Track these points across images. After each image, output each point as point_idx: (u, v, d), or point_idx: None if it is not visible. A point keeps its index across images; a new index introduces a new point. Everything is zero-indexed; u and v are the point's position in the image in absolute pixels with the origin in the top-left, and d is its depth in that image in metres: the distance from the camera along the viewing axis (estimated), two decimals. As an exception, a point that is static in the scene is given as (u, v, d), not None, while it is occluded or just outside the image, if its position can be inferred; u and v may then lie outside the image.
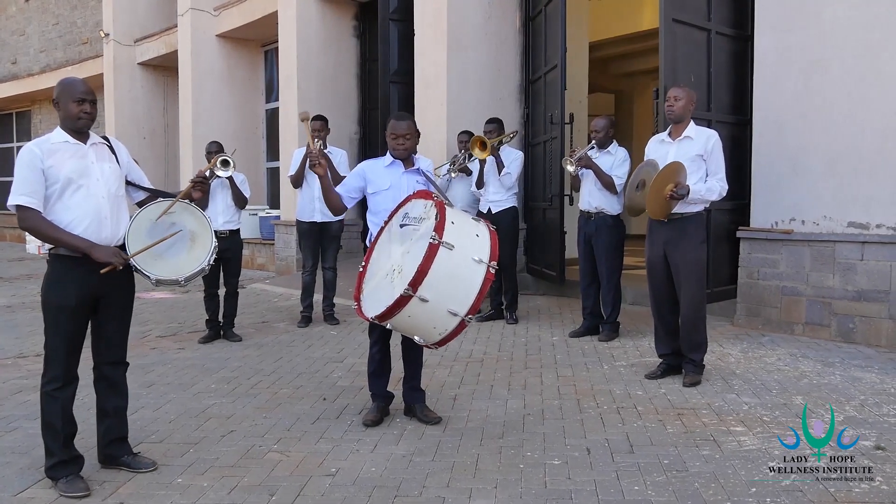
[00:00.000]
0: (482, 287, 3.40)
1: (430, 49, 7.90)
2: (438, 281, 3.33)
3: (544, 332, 6.32)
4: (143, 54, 14.85)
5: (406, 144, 4.02)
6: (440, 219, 3.38)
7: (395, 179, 4.04)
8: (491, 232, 3.60)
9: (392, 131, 4.02)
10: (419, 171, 4.10)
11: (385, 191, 4.02)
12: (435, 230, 3.33)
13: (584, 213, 5.96)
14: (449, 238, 3.34)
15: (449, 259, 3.33)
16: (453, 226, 3.42)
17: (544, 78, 7.71)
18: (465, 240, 3.44)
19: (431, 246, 3.30)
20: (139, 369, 5.35)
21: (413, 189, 4.01)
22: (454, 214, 3.53)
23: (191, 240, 3.42)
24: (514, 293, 6.78)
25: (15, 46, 20.19)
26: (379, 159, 4.17)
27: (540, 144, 7.88)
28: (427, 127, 7.91)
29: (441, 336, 3.52)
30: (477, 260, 3.42)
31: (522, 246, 8.36)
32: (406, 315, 3.42)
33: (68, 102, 3.23)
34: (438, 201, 3.52)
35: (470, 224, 3.59)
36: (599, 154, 5.87)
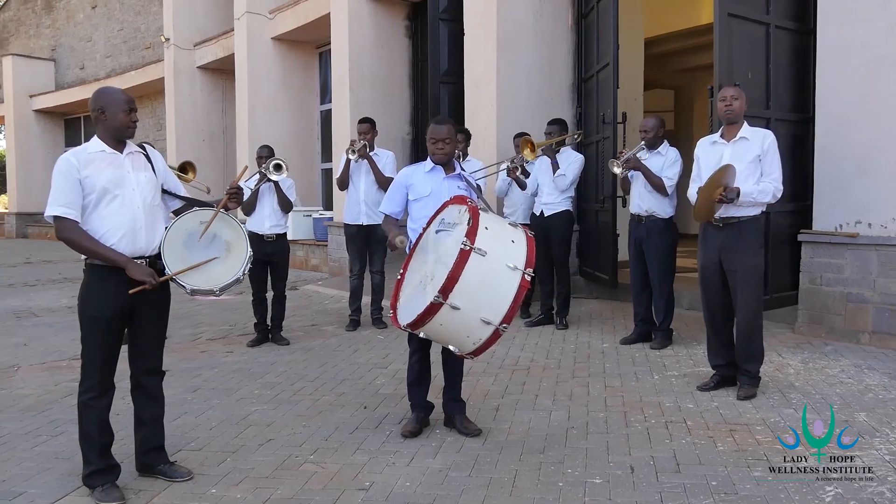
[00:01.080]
0: (517, 295, 3.29)
1: (480, 49, 7.79)
2: (470, 288, 3.23)
3: (594, 338, 6.15)
4: (202, 58, 15.14)
5: (446, 149, 3.93)
6: (473, 224, 3.27)
7: (435, 185, 3.96)
8: (528, 238, 3.48)
9: (432, 135, 3.94)
10: (460, 175, 4.01)
11: (426, 197, 3.94)
12: (466, 235, 3.22)
13: (634, 216, 5.77)
14: (482, 244, 3.24)
15: (481, 265, 3.23)
16: (487, 231, 3.31)
17: (597, 76, 7.52)
18: (499, 246, 3.33)
19: (462, 252, 3.20)
20: (186, 373, 5.42)
21: (455, 194, 3.92)
22: (489, 220, 3.42)
23: (226, 249, 3.40)
24: (566, 298, 6.62)
25: (83, 52, 20.88)
26: (419, 164, 4.09)
27: (592, 145, 7.68)
28: (477, 128, 7.82)
29: (475, 346, 3.42)
30: (511, 267, 3.30)
31: (575, 248, 8.19)
32: (438, 323, 3.33)
33: (118, 112, 3.24)
34: (472, 206, 3.41)
35: (506, 230, 3.48)
36: (649, 155, 5.67)
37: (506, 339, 6.10)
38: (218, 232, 3.40)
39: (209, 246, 3.38)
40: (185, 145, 15.34)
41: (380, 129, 10.51)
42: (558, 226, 6.49)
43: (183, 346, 6.45)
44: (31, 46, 22.46)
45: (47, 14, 22.13)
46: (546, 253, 6.59)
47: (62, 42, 21.66)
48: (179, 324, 7.45)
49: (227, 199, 3.44)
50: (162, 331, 3.52)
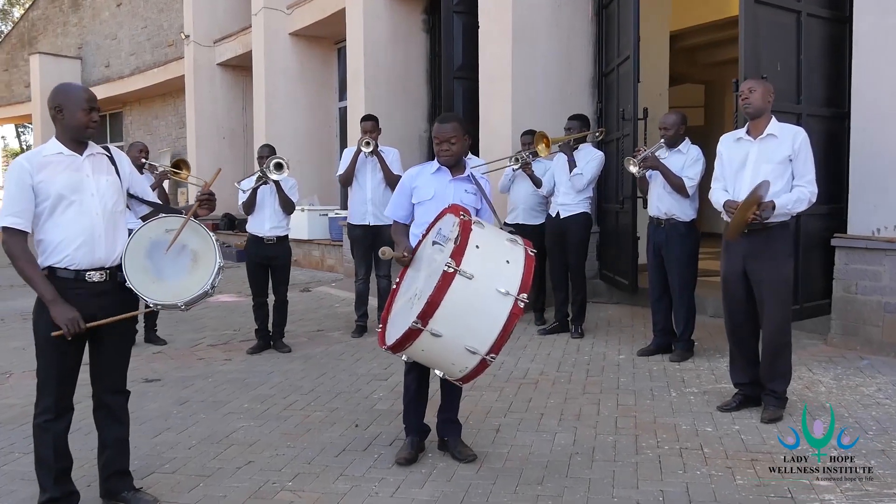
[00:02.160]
0: (506, 323, 2.95)
1: (494, 41, 7.45)
2: (453, 315, 2.91)
3: (611, 348, 5.79)
4: (222, 55, 14.98)
5: (452, 149, 3.60)
6: (460, 242, 2.95)
7: (440, 188, 3.63)
8: (527, 258, 3.13)
9: (436, 135, 3.61)
10: (469, 178, 3.68)
11: (428, 201, 3.62)
12: (452, 256, 2.90)
13: (653, 219, 5.39)
14: (469, 265, 2.91)
15: (466, 290, 2.90)
16: (477, 251, 2.98)
17: (617, 70, 7.14)
18: (490, 267, 3.00)
19: (445, 275, 2.88)
20: (178, 383, 5.18)
21: (461, 199, 3.61)
22: (482, 236, 3.09)
23: (193, 260, 3.11)
24: (582, 304, 6.26)
25: (108, 50, 20.89)
26: (426, 165, 3.77)
27: (612, 142, 7.31)
28: (491, 125, 7.50)
29: (462, 373, 3.10)
30: (502, 292, 2.96)
31: (595, 251, 7.83)
32: (419, 349, 3.02)
33: (76, 111, 2.98)
34: (464, 221, 3.08)
35: (501, 247, 3.13)
36: (669, 153, 5.29)
37: (516, 349, 5.78)
38: (186, 241, 3.12)
39: (177, 258, 3.11)
40: (205, 143, 15.21)
41: (395, 127, 10.29)
42: (575, 229, 6.13)
43: (181, 352, 6.22)
44: (58, 45, 22.54)
45: (74, 12, 22.19)
46: (561, 257, 6.25)
47: (88, 40, 21.70)
48: (182, 328, 7.24)
49: (197, 206, 3.16)
50: (126, 349, 3.25)
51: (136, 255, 3.05)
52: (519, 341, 6.11)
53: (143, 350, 6.29)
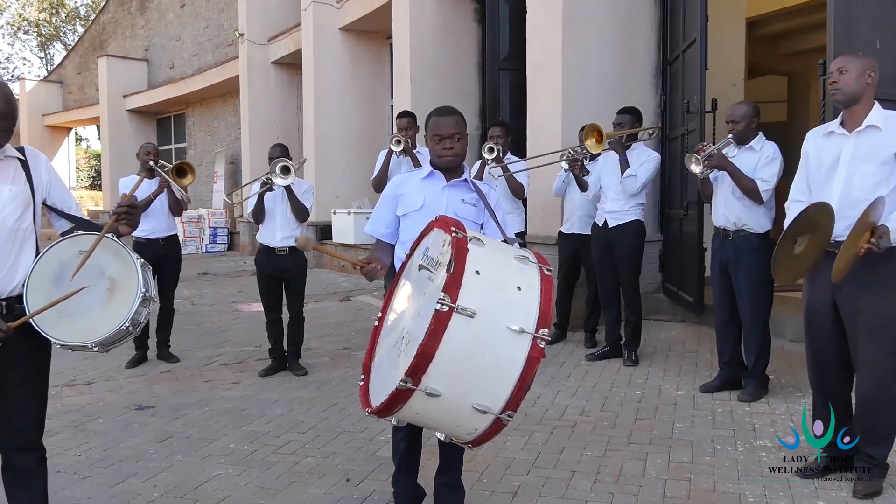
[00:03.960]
0: (524, 371, 2.19)
1: (542, 28, 6.66)
2: (453, 366, 2.17)
3: (669, 380, 4.94)
4: (276, 53, 14.60)
5: (456, 148, 2.88)
6: (456, 269, 2.21)
7: (431, 196, 2.92)
8: (544, 280, 2.36)
9: (435, 131, 2.90)
10: (468, 183, 2.96)
11: (416, 212, 2.91)
12: (445, 290, 2.17)
13: (718, 230, 4.52)
14: (470, 299, 2.16)
15: (468, 332, 2.16)
16: (479, 278, 2.23)
17: (682, 56, 6.25)
18: (497, 298, 2.25)
19: (439, 315, 2.14)
20: (169, 412, 4.63)
21: (456, 210, 2.89)
22: (483, 257, 2.34)
23: (109, 290, 2.48)
24: (636, 326, 5.41)
25: (172, 51, 20.91)
26: (415, 171, 3.07)
27: (677, 139, 6.43)
28: (538, 120, 6.73)
29: (471, 436, 2.35)
30: (515, 330, 2.21)
31: (658, 261, 6.95)
32: (412, 411, 2.29)
33: None
34: (457, 238, 2.34)
35: (509, 268, 2.36)
36: (738, 151, 4.40)
37: (558, 378, 5.01)
38: (103, 265, 2.49)
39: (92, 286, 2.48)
40: (258, 143, 14.81)
41: (447, 124, 9.58)
42: (626, 239, 5.30)
43: (190, 372, 5.68)
44: (126, 47, 22.77)
45: (141, 15, 22.35)
46: (611, 272, 5.42)
47: (154, 42, 21.81)
48: (203, 341, 6.74)
49: (114, 221, 2.53)
50: (37, 392, 2.63)
51: (41, 283, 2.44)
52: (563, 368, 5.32)
53: (152, 368, 5.81)
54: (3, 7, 42.63)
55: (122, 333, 2.46)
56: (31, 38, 42.85)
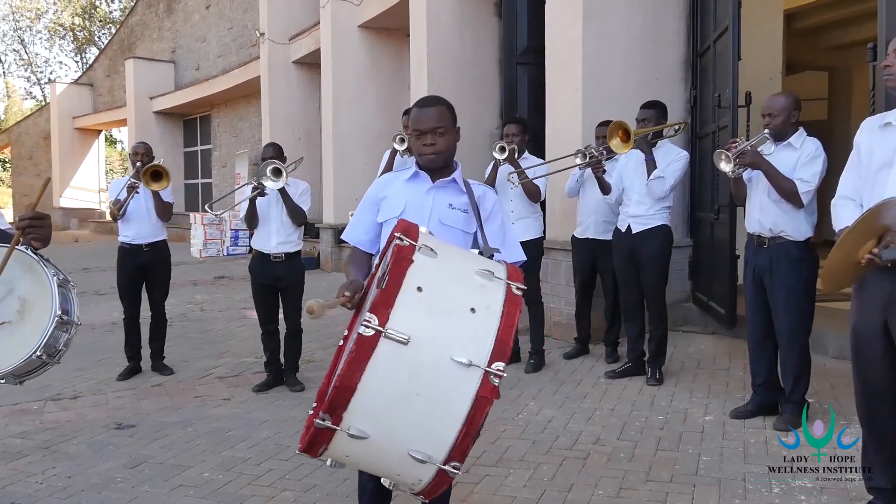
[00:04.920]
0: (471, 413, 1.78)
1: (562, 18, 6.21)
2: (380, 404, 1.77)
3: (696, 403, 4.46)
4: (297, 52, 14.32)
5: (438, 145, 2.46)
6: (389, 283, 1.80)
7: (414, 200, 2.51)
8: (510, 298, 1.93)
9: (414, 125, 2.48)
10: (459, 185, 2.54)
11: (396, 218, 2.50)
12: (373, 309, 1.76)
13: (752, 237, 4.03)
14: (403, 322, 1.76)
15: (400, 362, 1.75)
16: (420, 295, 1.82)
17: (713, 47, 5.76)
18: (440, 322, 1.83)
19: (362, 341, 1.74)
20: (151, 432, 4.30)
21: (441, 217, 2.48)
22: (430, 271, 1.91)
23: (19, 312, 2.11)
24: (662, 341, 4.94)
25: (198, 53, 20.81)
26: (401, 172, 2.65)
27: (708, 136, 5.93)
28: (558, 117, 6.28)
29: (417, 487, 1.93)
30: (462, 362, 1.78)
31: (687, 268, 6.46)
32: (342, 454, 1.89)
33: None
34: (399, 246, 1.91)
35: (465, 287, 1.92)
36: (776, 148, 3.91)
37: (574, 399, 4.57)
38: (12, 281, 2.12)
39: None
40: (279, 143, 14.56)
41: (465, 122, 9.06)
42: (651, 246, 4.83)
43: (182, 385, 5.34)
44: (154, 49, 22.75)
45: (168, 16, 22.31)
46: (635, 282, 4.96)
47: (181, 43, 21.74)
48: (205, 351, 6.43)
49: (19, 235, 2.16)
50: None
51: (-60, 303, 2.08)
52: (580, 387, 4.87)
53: (144, 380, 5.50)
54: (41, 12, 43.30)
55: (34, 364, 2.09)
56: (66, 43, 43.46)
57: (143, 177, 5.37)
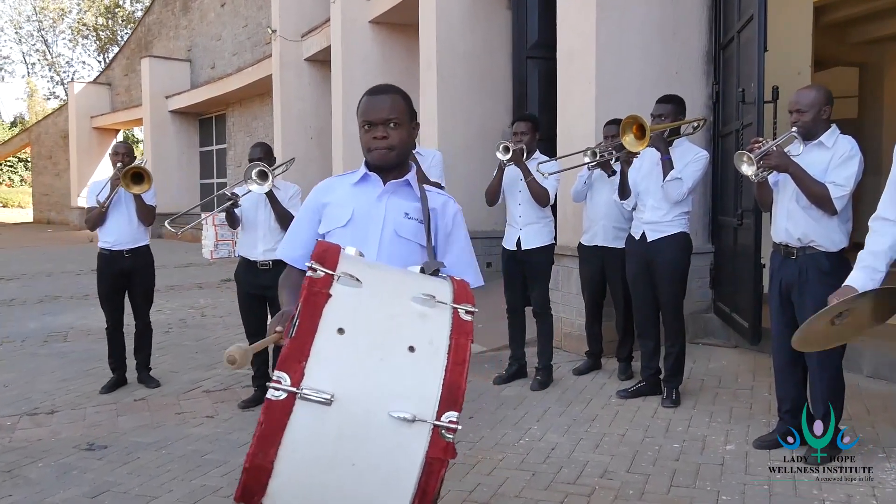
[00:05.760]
0: (423, 480, 1.42)
1: (574, 9, 5.82)
2: (305, 482, 1.42)
3: (716, 428, 4.05)
4: (309, 49, 14.05)
5: (391, 138, 2.09)
6: (300, 330, 1.45)
7: (363, 207, 2.15)
8: (457, 326, 1.56)
9: (363, 116, 2.12)
10: (413, 189, 2.18)
11: (341, 229, 2.14)
12: (282, 365, 1.41)
13: (779, 246, 3.62)
14: (323, 376, 1.42)
15: (324, 428, 1.41)
16: (342, 339, 1.47)
17: (737, 38, 5.33)
18: (371, 369, 1.48)
19: (271, 408, 1.40)
20: (122, 455, 4.02)
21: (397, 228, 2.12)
22: (353, 305, 1.54)
23: None
24: (678, 359, 4.52)
25: (213, 51, 20.65)
26: (347, 174, 2.28)
27: (731, 134, 5.51)
28: (569, 115, 5.89)
29: None
30: (404, 418, 1.43)
31: (709, 276, 6.04)
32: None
33: None
34: (311, 279, 1.55)
35: (400, 319, 1.55)
36: (805, 148, 3.49)
37: (581, 422, 4.18)
38: None
39: None
40: (291, 143, 14.30)
41: (476, 120, 8.78)
42: (669, 255, 4.42)
43: (166, 400, 5.03)
44: (170, 48, 22.62)
45: (184, 15, 22.17)
46: (650, 294, 4.55)
47: (196, 42, 21.59)
48: (197, 361, 6.15)
49: None
50: None
51: None
52: (589, 407, 4.48)
53: (128, 393, 5.21)
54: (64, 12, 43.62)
55: None
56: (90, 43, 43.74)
57: (123, 179, 5.04)
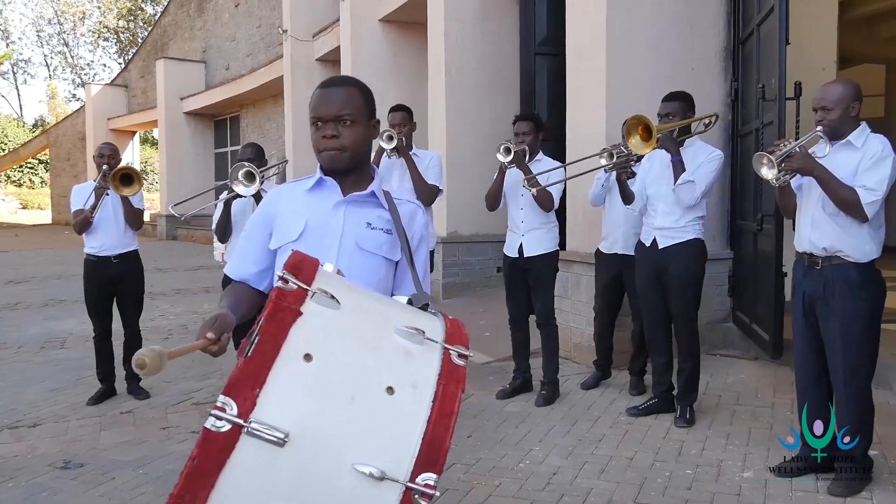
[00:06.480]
0: None
1: (584, 1, 5.52)
2: None
3: (733, 452, 3.73)
4: (320, 49, 13.84)
5: (343, 137, 1.83)
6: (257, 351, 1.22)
7: (318, 218, 1.89)
8: (447, 371, 1.31)
9: (314, 111, 1.86)
10: (378, 199, 1.91)
11: (293, 244, 1.87)
12: (230, 390, 1.18)
13: (803, 256, 3.31)
14: (279, 411, 1.19)
15: (271, 475, 1.17)
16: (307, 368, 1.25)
17: (757, 31, 5.02)
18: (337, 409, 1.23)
19: (209, 439, 1.18)
20: (98, 475, 3.83)
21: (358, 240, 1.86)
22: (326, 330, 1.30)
23: None
24: (692, 374, 4.21)
25: (228, 52, 20.54)
26: (301, 180, 2.02)
27: (750, 134, 5.20)
28: (580, 113, 5.60)
29: None
30: (370, 475, 1.17)
31: (727, 283, 5.72)
32: None
33: None
34: (280, 291, 1.31)
35: (381, 354, 1.30)
36: (832, 148, 3.18)
37: (586, 443, 3.89)
38: None
39: None
40: (302, 147, 14.08)
41: (487, 120, 8.49)
42: (681, 264, 4.11)
43: (153, 413, 4.82)
44: (185, 49, 22.56)
45: (199, 16, 22.09)
46: (661, 304, 4.25)
47: (211, 43, 21.50)
48: (191, 371, 5.89)
49: None
50: None
51: None
52: (596, 426, 4.19)
53: (115, 405, 5.00)
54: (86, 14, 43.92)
55: None
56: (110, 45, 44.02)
57: (112, 181, 4.84)
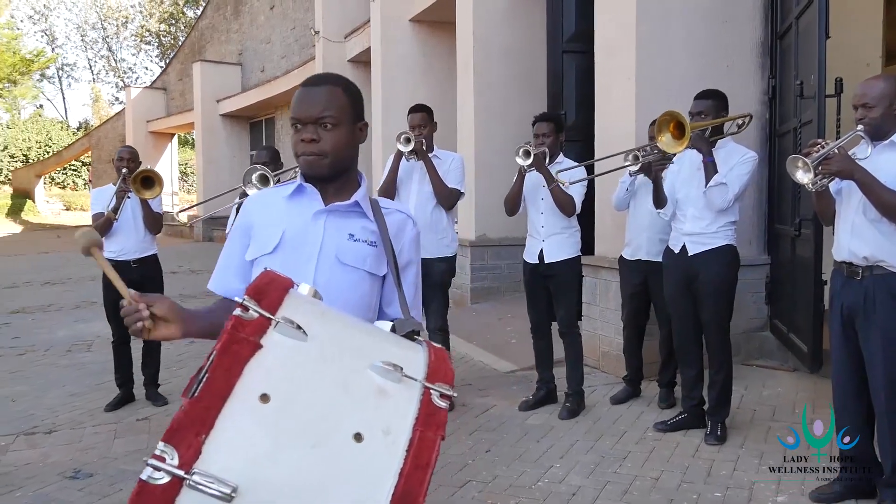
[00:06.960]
0: None
1: None
2: None
3: (766, 473, 3.50)
4: (352, 50, 13.77)
5: (323, 141, 1.68)
6: (207, 387, 1.10)
7: (296, 228, 1.73)
8: (426, 415, 1.16)
9: (293, 113, 1.71)
10: (358, 206, 1.75)
11: (268, 256, 1.72)
12: (170, 436, 1.09)
13: (842, 266, 3.07)
14: (227, 461, 1.06)
15: None
16: (266, 409, 1.11)
17: (796, 25, 4.76)
18: (296, 459, 1.09)
19: (146, 493, 1.05)
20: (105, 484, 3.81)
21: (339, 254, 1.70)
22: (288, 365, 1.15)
23: None
24: (725, 387, 3.97)
25: (263, 54, 20.64)
26: (282, 185, 1.87)
27: (788, 133, 4.94)
28: (608, 113, 5.40)
29: None
30: None
31: (764, 290, 5.47)
32: None
33: None
34: (238, 320, 1.16)
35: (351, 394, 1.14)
36: (874, 150, 2.94)
37: (609, 461, 3.70)
38: None
39: None
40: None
41: (517, 120, 8.31)
42: (713, 271, 3.88)
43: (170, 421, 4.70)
44: (222, 52, 22.74)
45: (235, 19, 22.25)
46: (691, 314, 4.03)
47: (247, 45, 21.63)
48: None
49: None
50: None
51: None
52: (621, 441, 3.99)
53: (132, 412, 4.95)
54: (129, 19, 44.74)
55: None
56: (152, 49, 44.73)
57: (133, 184, 4.80)
